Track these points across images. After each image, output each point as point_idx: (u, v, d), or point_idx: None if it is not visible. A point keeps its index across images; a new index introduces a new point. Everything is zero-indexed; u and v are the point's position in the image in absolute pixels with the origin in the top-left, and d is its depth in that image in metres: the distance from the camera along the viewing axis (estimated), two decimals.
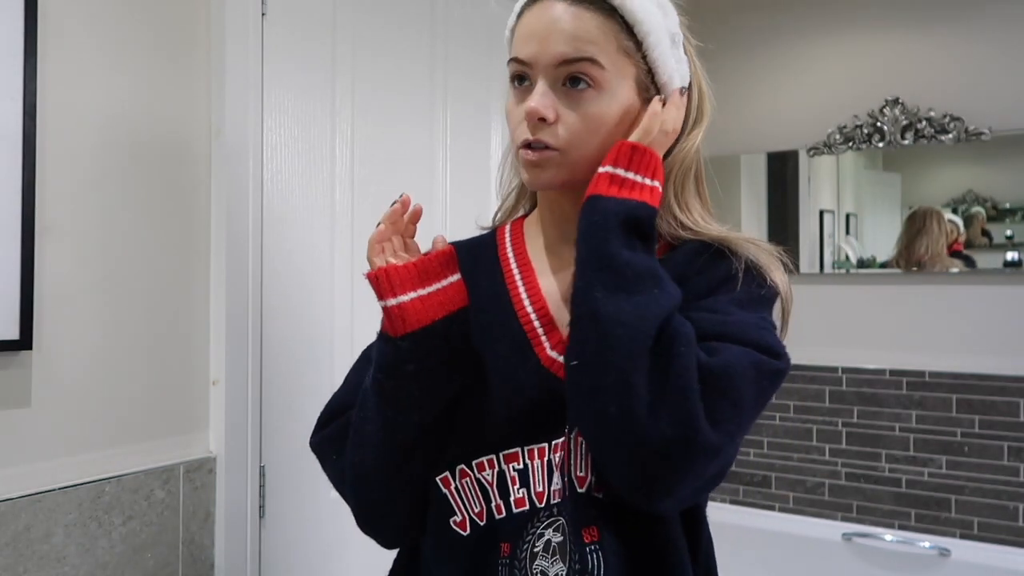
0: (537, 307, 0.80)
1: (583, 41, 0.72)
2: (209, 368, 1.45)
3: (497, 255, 0.86)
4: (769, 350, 0.68)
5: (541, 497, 0.74)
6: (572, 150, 0.75)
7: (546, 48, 0.73)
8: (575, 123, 0.74)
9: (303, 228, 1.59)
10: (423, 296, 0.75)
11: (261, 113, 1.51)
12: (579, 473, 0.73)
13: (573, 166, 0.76)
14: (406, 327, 0.74)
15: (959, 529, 2.31)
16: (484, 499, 0.76)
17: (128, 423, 1.33)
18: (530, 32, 0.75)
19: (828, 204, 2.58)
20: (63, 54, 1.24)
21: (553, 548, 0.73)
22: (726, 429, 0.64)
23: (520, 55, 0.75)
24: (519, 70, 0.76)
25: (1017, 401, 2.25)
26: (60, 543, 1.21)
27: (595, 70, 0.73)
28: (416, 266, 0.75)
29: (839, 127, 2.53)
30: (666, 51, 0.76)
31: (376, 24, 1.72)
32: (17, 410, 1.18)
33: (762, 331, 0.70)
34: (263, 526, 1.51)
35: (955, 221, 2.39)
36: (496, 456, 0.76)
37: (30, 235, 1.17)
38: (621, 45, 0.74)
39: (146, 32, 1.36)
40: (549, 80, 0.74)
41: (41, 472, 1.20)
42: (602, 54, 0.73)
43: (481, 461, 0.76)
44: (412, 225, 0.79)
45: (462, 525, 0.77)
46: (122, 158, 1.32)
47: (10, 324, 1.14)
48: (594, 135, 0.75)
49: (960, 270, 2.36)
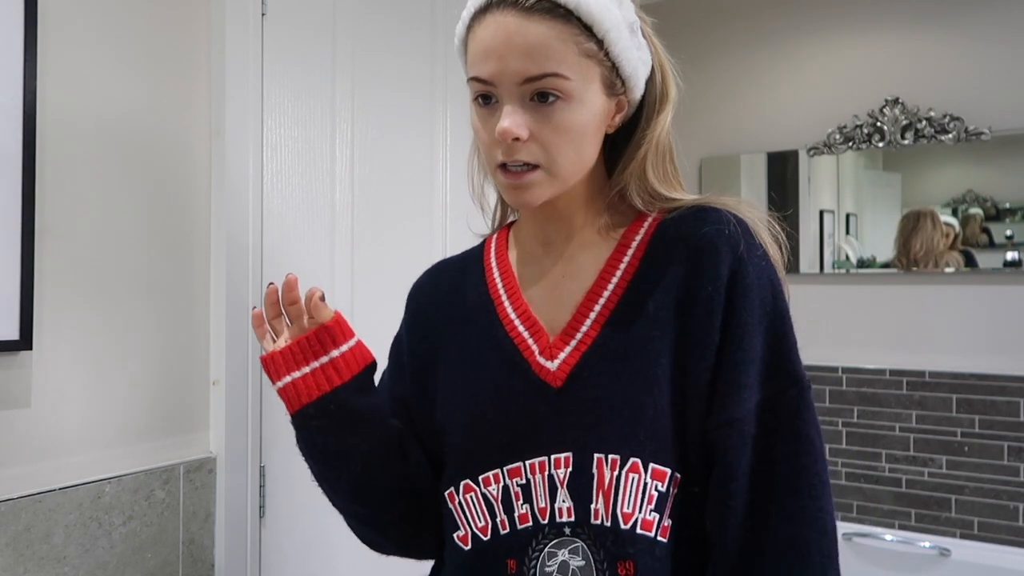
0: (520, 313, 0.79)
1: (543, 57, 0.69)
2: (209, 368, 1.45)
3: (483, 267, 0.86)
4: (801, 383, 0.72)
5: (544, 513, 0.72)
6: (553, 164, 0.73)
7: (506, 66, 0.70)
8: (551, 136, 0.71)
9: (303, 228, 1.59)
10: (298, 379, 0.77)
11: (261, 113, 1.51)
12: (625, 510, 0.70)
13: (558, 179, 0.74)
14: (291, 407, 0.78)
15: (959, 529, 2.31)
16: (490, 514, 0.75)
17: (128, 423, 1.33)
18: (486, 50, 0.71)
19: (828, 204, 2.58)
20: (63, 55, 1.24)
21: (573, 572, 0.71)
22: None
23: (480, 75, 0.72)
24: (482, 89, 0.73)
25: (1017, 401, 2.25)
26: (60, 543, 1.21)
27: (560, 83, 0.70)
28: (290, 349, 0.78)
29: (839, 127, 2.53)
30: (627, 44, 0.74)
31: (376, 24, 1.72)
32: (17, 410, 1.18)
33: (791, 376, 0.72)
34: (263, 526, 1.51)
35: (951, 223, 2.39)
36: (501, 471, 0.75)
37: (30, 236, 1.16)
38: (582, 49, 0.71)
39: (146, 32, 1.36)
40: (515, 98, 0.71)
41: (41, 472, 1.20)
42: (564, 65, 0.70)
43: (487, 476, 0.75)
44: (292, 306, 0.79)
45: (464, 540, 0.77)
46: (122, 158, 1.32)
47: (10, 324, 1.14)
48: (572, 144, 0.73)
49: (958, 267, 2.36)
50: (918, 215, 2.42)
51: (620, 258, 0.78)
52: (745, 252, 0.72)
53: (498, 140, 0.72)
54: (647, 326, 0.73)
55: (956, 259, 2.38)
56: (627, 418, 0.71)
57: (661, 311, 0.73)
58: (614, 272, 0.77)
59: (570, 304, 0.78)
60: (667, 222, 0.78)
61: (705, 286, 0.72)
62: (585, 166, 0.76)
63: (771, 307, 0.72)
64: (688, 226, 0.76)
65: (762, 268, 0.73)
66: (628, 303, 0.75)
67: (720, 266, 0.72)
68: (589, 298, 0.77)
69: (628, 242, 0.78)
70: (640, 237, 0.78)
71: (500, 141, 0.71)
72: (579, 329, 0.75)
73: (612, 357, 0.73)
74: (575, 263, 0.80)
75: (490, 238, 0.90)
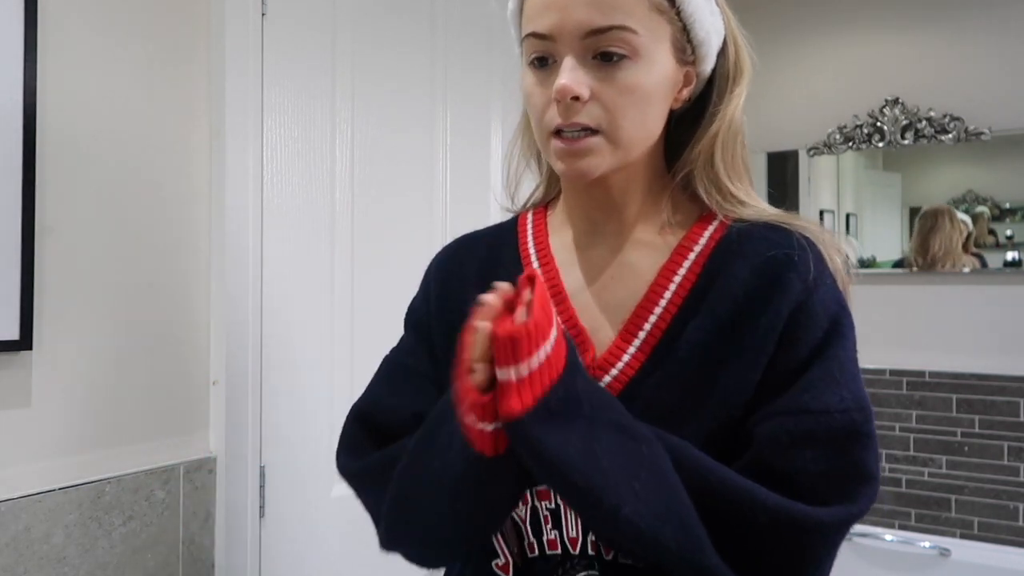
0: (567, 320, 0.69)
1: (610, 7, 0.62)
2: (209, 368, 1.45)
3: (518, 251, 0.76)
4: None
5: (575, 543, 0.66)
6: (616, 130, 0.64)
7: (569, 17, 0.62)
8: (614, 98, 0.64)
9: (303, 228, 1.59)
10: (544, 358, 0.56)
11: (261, 113, 1.51)
12: None
13: (619, 149, 0.66)
14: (539, 392, 0.54)
15: (959, 529, 2.31)
16: (517, 536, 0.69)
17: (128, 423, 1.33)
18: (546, 1, 0.64)
19: (828, 204, 2.58)
20: (63, 55, 1.24)
21: None
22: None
23: (539, 29, 0.64)
24: (539, 48, 0.65)
25: (1017, 401, 2.25)
26: (60, 543, 1.21)
27: (628, 37, 0.63)
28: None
29: (839, 127, 2.53)
30: (701, 4, 0.67)
31: (376, 24, 1.72)
32: (17, 410, 1.18)
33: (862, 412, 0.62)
34: (263, 526, 1.51)
35: (965, 220, 2.39)
36: (530, 491, 0.67)
37: (30, 235, 1.16)
38: (652, 2, 0.64)
39: (146, 32, 1.36)
40: (576, 54, 0.63)
41: (41, 472, 1.20)
42: (633, 18, 0.63)
43: None
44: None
45: (505, 569, 0.69)
46: (122, 158, 1.32)
47: (10, 324, 1.14)
48: (637, 109, 0.65)
49: (972, 269, 2.36)
50: (936, 213, 2.41)
51: (676, 268, 0.69)
52: (813, 283, 0.65)
53: (555, 100, 0.64)
54: (699, 351, 0.65)
55: (971, 261, 2.37)
56: None
57: (715, 337, 0.65)
58: (668, 284, 0.68)
59: (619, 313, 0.69)
60: (732, 234, 0.69)
61: (766, 315, 0.64)
62: (650, 137, 0.69)
63: (826, 344, 0.64)
64: (756, 245, 0.67)
65: (828, 303, 0.65)
66: (681, 322, 0.67)
67: (785, 295, 0.64)
68: (639, 313, 0.68)
69: (687, 250, 0.70)
70: (701, 245, 0.70)
71: (559, 100, 0.64)
72: (626, 350, 0.67)
73: (661, 382, 0.66)
74: (626, 265, 0.71)
75: (524, 217, 0.80)
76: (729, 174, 0.70)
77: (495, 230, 0.81)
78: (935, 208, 2.42)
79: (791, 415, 0.61)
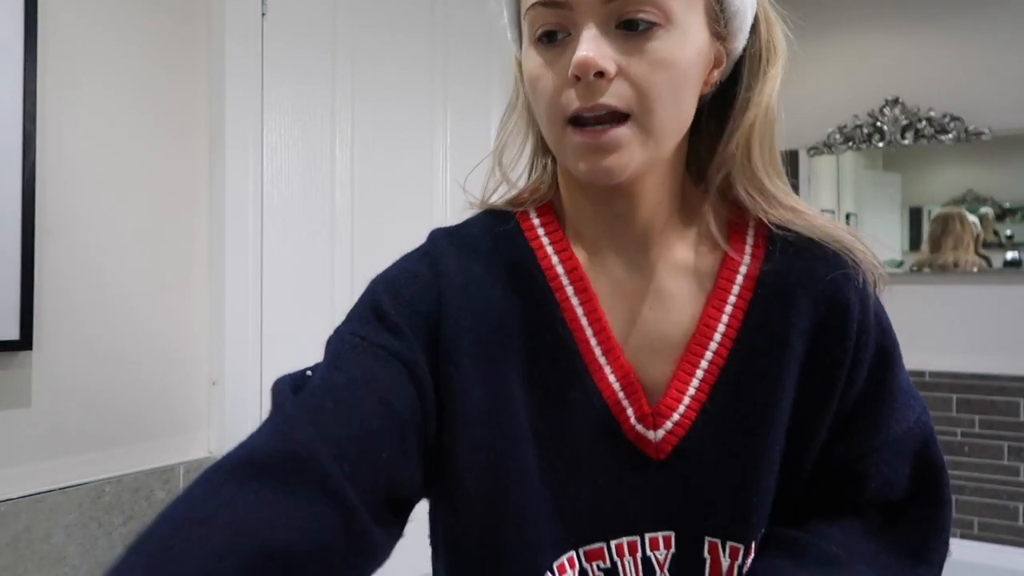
0: (613, 360, 0.59)
1: None
2: (209, 368, 1.45)
3: (541, 271, 0.61)
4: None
5: None
6: (649, 115, 0.52)
7: None
8: (646, 73, 0.51)
9: (303, 228, 1.59)
10: None
11: (261, 113, 1.51)
12: None
13: (652, 141, 0.54)
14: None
15: (959, 529, 2.31)
16: None
17: (128, 423, 1.33)
18: None
19: (828, 204, 2.58)
20: (63, 54, 1.24)
21: None
22: None
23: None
24: (549, 19, 0.53)
25: (1017, 401, 2.25)
26: (60, 543, 1.20)
27: (660, 0, 0.51)
28: None
29: (839, 127, 2.53)
30: None
31: (376, 24, 1.72)
32: (17, 410, 1.18)
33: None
34: None
35: (975, 222, 2.39)
36: (577, 553, 0.59)
37: (30, 235, 1.16)
38: None
39: (146, 32, 1.36)
40: (599, 20, 0.51)
41: (41, 472, 1.20)
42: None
43: (561, 562, 0.58)
44: None
45: None
46: (122, 158, 1.32)
47: (10, 324, 1.14)
48: (672, 90, 0.53)
49: (980, 269, 2.36)
50: (946, 218, 2.41)
51: (725, 296, 0.60)
52: (869, 302, 0.61)
53: (573, 78, 0.52)
54: (764, 390, 0.59)
55: (979, 262, 2.38)
56: (743, 500, 0.59)
57: (779, 370, 0.59)
58: (720, 315, 0.60)
59: (666, 353, 0.60)
60: (777, 250, 0.60)
61: (834, 346, 0.59)
62: (682, 129, 0.57)
63: (889, 361, 0.62)
64: (808, 264, 0.60)
65: (880, 318, 0.62)
66: (740, 358, 0.59)
67: (851, 324, 0.59)
68: (693, 351, 0.60)
69: (732, 272, 0.61)
70: (747, 265, 0.61)
71: (579, 77, 0.51)
72: (685, 392, 0.59)
73: (726, 428, 0.59)
74: (665, 293, 0.61)
75: (526, 221, 0.64)
76: (768, 171, 0.60)
77: (487, 233, 0.65)
78: (947, 212, 2.42)
79: (886, 448, 0.62)
